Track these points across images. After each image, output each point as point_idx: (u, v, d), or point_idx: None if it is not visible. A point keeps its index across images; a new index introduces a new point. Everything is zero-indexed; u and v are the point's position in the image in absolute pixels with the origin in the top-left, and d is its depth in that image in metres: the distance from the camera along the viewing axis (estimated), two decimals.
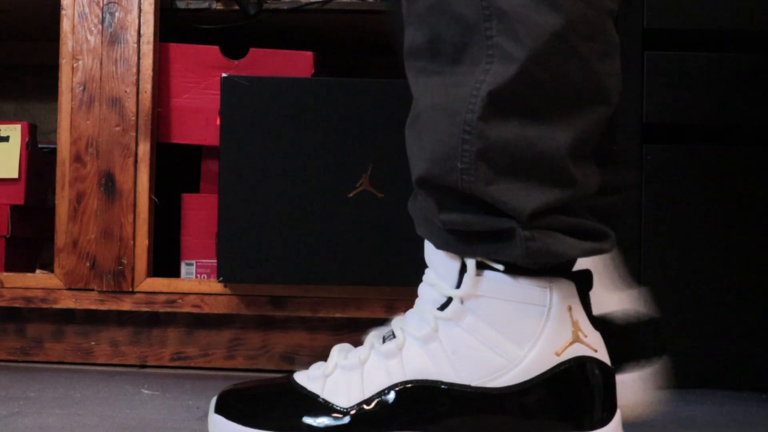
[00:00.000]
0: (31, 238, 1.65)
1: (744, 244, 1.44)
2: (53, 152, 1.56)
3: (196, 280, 1.52)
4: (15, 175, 1.57)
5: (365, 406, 0.83)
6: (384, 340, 0.86)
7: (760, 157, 1.44)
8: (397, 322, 0.87)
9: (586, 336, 0.83)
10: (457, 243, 0.82)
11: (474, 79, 0.78)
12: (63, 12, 1.52)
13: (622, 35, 1.45)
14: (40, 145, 1.64)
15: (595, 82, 0.80)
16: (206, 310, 1.51)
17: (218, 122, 1.49)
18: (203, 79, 1.55)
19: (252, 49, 1.56)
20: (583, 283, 0.84)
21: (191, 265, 1.55)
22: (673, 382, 1.46)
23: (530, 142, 0.79)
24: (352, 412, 0.83)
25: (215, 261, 1.50)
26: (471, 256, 0.82)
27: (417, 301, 0.87)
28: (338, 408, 0.84)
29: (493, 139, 0.78)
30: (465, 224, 0.80)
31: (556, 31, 0.77)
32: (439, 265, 0.84)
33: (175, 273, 1.55)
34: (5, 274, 1.53)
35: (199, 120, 1.55)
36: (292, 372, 0.89)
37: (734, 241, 1.44)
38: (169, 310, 1.51)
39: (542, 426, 0.82)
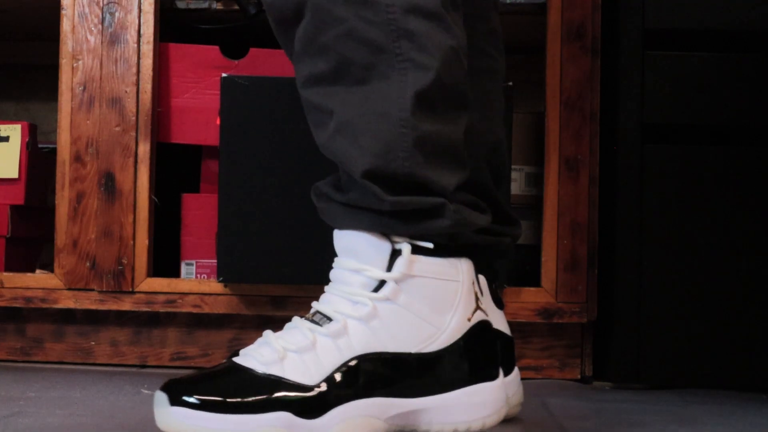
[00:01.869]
0: (31, 238, 1.66)
1: (744, 244, 1.44)
2: (53, 152, 1.56)
3: (196, 280, 1.52)
4: (15, 175, 1.57)
5: (328, 381, 0.94)
6: (316, 323, 0.98)
7: (760, 158, 1.44)
8: (325, 306, 0.99)
9: (482, 304, 1.02)
10: (398, 225, 0.97)
11: (396, 87, 0.96)
12: (63, 12, 1.52)
13: (622, 35, 1.46)
14: (40, 145, 1.64)
15: (467, 90, 1.01)
16: (206, 310, 1.51)
17: (218, 122, 1.49)
18: (203, 79, 1.55)
19: (252, 49, 1.56)
20: (475, 261, 1.02)
21: (191, 265, 1.55)
22: (673, 382, 1.46)
23: (443, 133, 0.98)
24: (318, 388, 0.93)
25: (215, 261, 1.50)
26: (411, 233, 0.97)
27: (336, 285, 1.00)
28: (305, 386, 0.93)
29: (422, 130, 0.96)
30: (409, 203, 0.96)
31: (452, 46, 0.97)
32: (366, 252, 0.98)
33: (175, 273, 1.55)
34: (5, 274, 1.53)
35: (199, 120, 1.55)
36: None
37: (734, 241, 1.44)
38: (169, 310, 1.51)
39: (466, 378, 0.99)
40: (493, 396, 0.99)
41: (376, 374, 0.95)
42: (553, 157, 1.50)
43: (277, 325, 1.51)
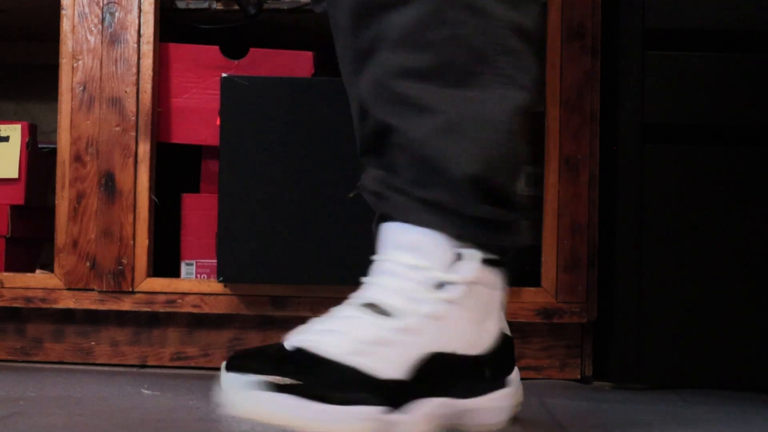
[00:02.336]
0: (31, 238, 1.65)
1: (744, 244, 1.44)
2: (53, 152, 1.56)
3: (196, 280, 1.52)
4: (15, 175, 1.57)
5: (408, 377, 0.93)
6: (383, 314, 0.95)
7: (760, 158, 1.44)
8: (385, 299, 0.96)
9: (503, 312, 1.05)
10: (474, 231, 0.98)
11: (497, 99, 0.98)
12: (63, 12, 1.52)
13: (622, 35, 1.45)
14: (40, 145, 1.64)
15: None
16: (206, 310, 1.51)
17: (218, 122, 1.49)
18: (203, 79, 1.55)
19: (252, 49, 1.56)
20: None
21: (191, 265, 1.55)
22: (673, 382, 1.46)
23: (522, 153, 1.02)
24: (398, 383, 0.92)
25: (215, 261, 1.50)
26: (483, 241, 0.98)
27: (390, 279, 0.98)
28: (387, 380, 0.91)
29: (517, 146, 1.00)
30: (496, 213, 0.99)
31: (537, 71, 1.02)
32: (431, 252, 0.97)
33: (175, 273, 1.55)
34: (5, 274, 1.53)
35: (199, 120, 1.55)
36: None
37: (734, 241, 1.44)
38: (169, 310, 1.51)
39: (495, 383, 1.01)
40: (508, 402, 1.02)
41: (444, 373, 0.96)
42: (553, 157, 1.50)
43: (277, 325, 1.52)
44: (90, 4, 1.52)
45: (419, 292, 0.96)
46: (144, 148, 1.51)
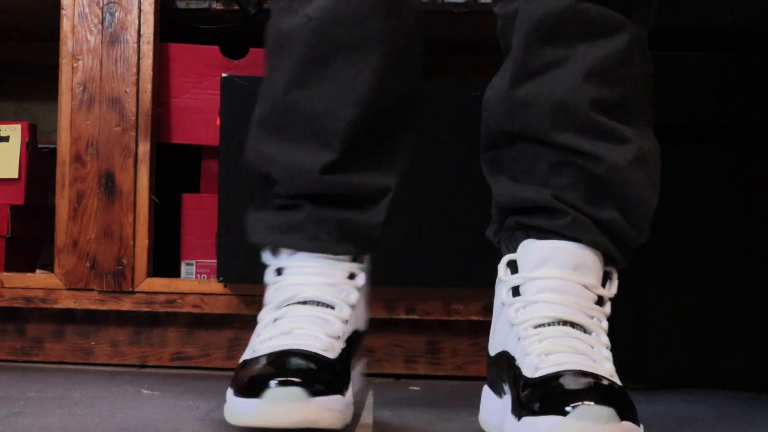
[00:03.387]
0: (31, 238, 1.65)
1: (744, 244, 1.44)
2: (53, 152, 1.56)
3: (196, 280, 1.52)
4: (15, 175, 1.57)
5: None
6: (581, 331, 1.02)
7: (760, 158, 1.44)
8: (575, 317, 1.02)
9: None
10: (627, 256, 1.06)
11: (653, 138, 1.07)
12: (63, 12, 1.52)
13: None
14: (40, 145, 1.64)
15: None
16: (206, 310, 1.51)
17: (218, 122, 1.49)
18: (203, 79, 1.55)
19: (252, 49, 1.56)
20: None
21: (191, 265, 1.55)
22: (673, 382, 1.46)
23: None
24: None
25: (215, 261, 1.50)
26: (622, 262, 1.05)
27: (572, 298, 1.03)
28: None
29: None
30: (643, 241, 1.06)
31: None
32: (595, 270, 1.01)
33: (175, 273, 1.55)
34: (5, 274, 1.53)
35: (199, 120, 1.55)
36: None
37: (734, 241, 1.44)
38: (169, 310, 1.51)
39: None
40: None
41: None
42: None
43: None
44: (90, 4, 1.52)
45: (595, 310, 1.01)
46: (144, 148, 1.51)
